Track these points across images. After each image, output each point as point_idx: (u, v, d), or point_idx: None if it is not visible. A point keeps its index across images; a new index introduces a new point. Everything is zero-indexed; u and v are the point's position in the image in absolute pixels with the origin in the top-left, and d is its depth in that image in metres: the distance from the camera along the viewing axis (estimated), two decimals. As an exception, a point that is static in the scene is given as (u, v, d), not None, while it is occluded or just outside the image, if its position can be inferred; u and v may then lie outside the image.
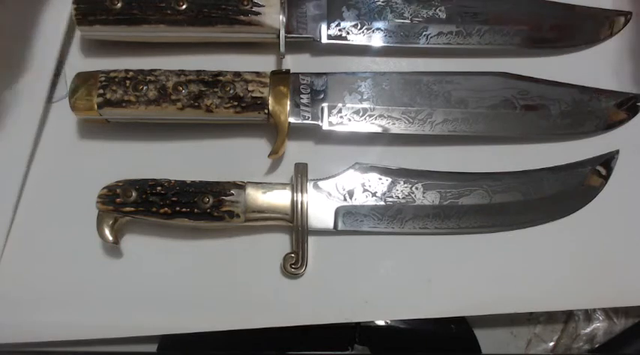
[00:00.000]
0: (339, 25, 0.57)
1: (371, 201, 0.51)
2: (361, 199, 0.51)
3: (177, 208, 0.49)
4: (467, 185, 0.52)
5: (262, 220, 0.50)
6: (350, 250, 0.52)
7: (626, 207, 0.55)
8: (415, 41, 0.57)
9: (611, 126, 0.57)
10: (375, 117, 0.54)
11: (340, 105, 0.54)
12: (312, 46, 0.58)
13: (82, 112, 0.52)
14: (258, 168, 0.54)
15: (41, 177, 0.54)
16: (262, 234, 0.52)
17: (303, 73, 0.54)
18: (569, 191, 0.54)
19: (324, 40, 0.56)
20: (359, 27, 0.57)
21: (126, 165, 0.53)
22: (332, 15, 0.56)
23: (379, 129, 0.54)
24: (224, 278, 0.51)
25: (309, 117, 0.53)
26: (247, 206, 0.49)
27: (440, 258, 0.52)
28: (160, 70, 0.52)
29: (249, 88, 0.52)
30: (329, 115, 0.53)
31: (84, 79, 0.52)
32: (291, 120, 0.52)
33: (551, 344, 0.55)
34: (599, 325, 0.56)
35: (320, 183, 0.52)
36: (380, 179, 0.52)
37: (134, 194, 0.49)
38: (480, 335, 0.53)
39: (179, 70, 0.52)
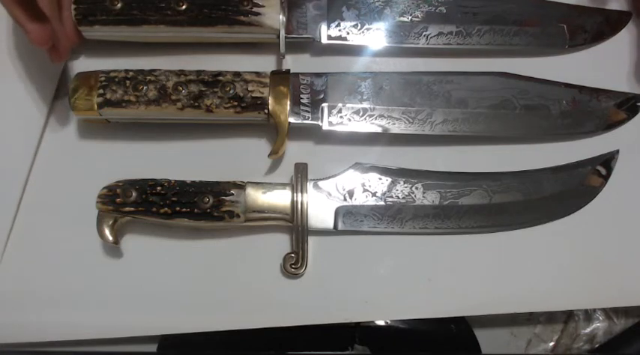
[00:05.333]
0: (339, 25, 0.57)
1: (371, 201, 0.51)
2: (361, 199, 0.51)
3: (177, 208, 0.48)
4: (467, 185, 0.52)
5: (262, 220, 0.50)
6: (350, 250, 0.52)
7: (626, 207, 0.54)
8: (415, 41, 0.57)
9: (611, 126, 0.57)
10: (375, 117, 0.54)
11: (340, 105, 0.54)
12: (312, 46, 0.58)
13: (82, 112, 0.52)
14: (258, 168, 0.54)
15: (41, 177, 0.54)
16: (262, 234, 0.52)
17: (303, 73, 0.54)
18: (569, 191, 0.54)
19: (324, 40, 0.56)
20: (359, 27, 0.57)
21: (126, 165, 0.53)
22: (332, 15, 0.56)
23: (379, 129, 0.54)
24: (224, 278, 0.51)
25: (309, 117, 0.53)
26: (247, 206, 0.49)
27: (440, 257, 0.52)
28: (159, 70, 0.52)
29: (249, 88, 0.52)
30: (329, 115, 0.53)
31: (84, 79, 0.52)
32: (291, 120, 0.52)
33: (551, 344, 0.55)
34: (599, 325, 0.55)
35: (320, 183, 0.52)
36: (380, 179, 0.52)
37: (134, 194, 0.49)
38: (479, 335, 0.53)
39: (179, 70, 0.52)
